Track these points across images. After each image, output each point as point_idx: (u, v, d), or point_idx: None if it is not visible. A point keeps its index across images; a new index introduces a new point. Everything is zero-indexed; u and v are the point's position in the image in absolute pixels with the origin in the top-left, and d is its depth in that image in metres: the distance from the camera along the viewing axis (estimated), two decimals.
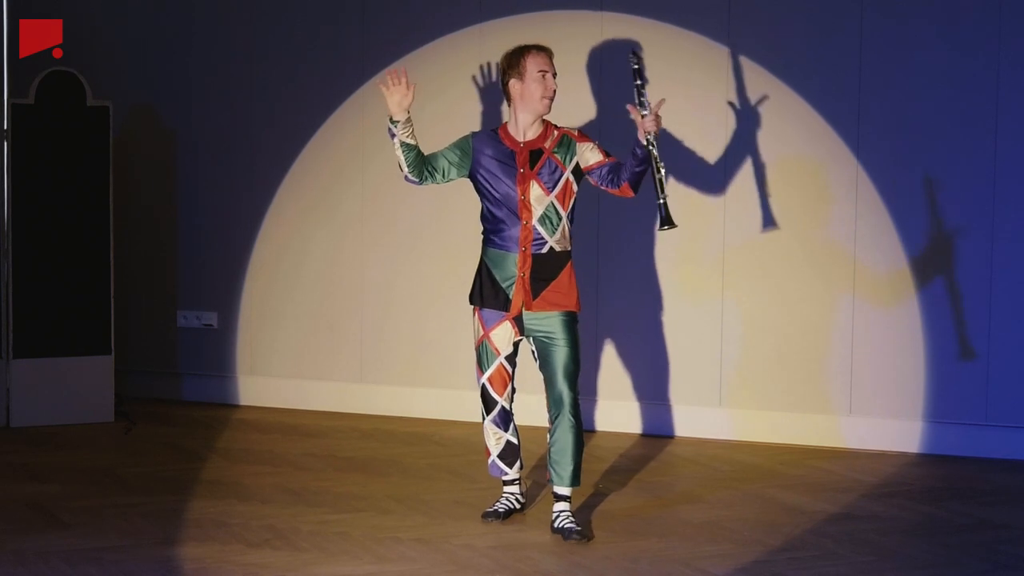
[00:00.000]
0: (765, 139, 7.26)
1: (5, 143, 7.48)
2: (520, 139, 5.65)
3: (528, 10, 7.59)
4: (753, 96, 7.26)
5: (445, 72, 7.75)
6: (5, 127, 7.47)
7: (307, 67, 8.03)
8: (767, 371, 7.32)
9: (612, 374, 7.54)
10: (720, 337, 7.36)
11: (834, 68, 7.16)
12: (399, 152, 5.67)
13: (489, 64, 7.63)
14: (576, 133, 5.71)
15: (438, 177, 5.72)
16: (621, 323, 7.50)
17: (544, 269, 5.62)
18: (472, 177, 5.70)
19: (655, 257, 7.43)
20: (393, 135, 5.66)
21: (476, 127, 7.46)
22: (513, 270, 5.63)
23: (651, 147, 5.49)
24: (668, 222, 5.58)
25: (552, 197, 5.61)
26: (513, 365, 5.79)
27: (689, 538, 5.60)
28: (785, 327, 7.29)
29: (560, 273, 5.63)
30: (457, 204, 7.75)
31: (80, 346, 7.62)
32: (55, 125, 7.53)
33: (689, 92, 7.34)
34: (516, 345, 5.75)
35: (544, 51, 5.64)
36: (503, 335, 5.70)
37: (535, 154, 5.62)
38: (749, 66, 7.25)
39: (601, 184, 5.67)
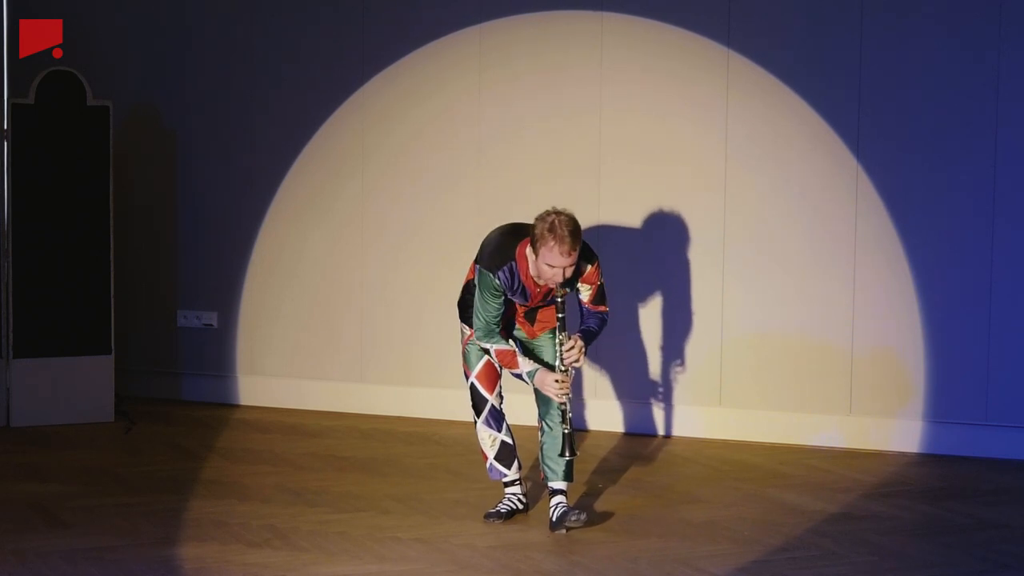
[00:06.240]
0: (765, 139, 7.26)
1: (5, 143, 7.48)
2: (540, 282, 5.56)
3: (528, 10, 7.59)
4: (753, 96, 7.25)
5: (444, 71, 7.74)
6: (5, 127, 7.47)
7: (307, 67, 8.02)
8: (767, 371, 7.32)
9: (611, 373, 7.54)
10: (720, 336, 7.36)
11: (834, 68, 7.16)
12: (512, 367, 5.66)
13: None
14: (587, 271, 5.63)
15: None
16: (620, 322, 7.49)
17: (538, 311, 5.76)
18: None
19: (654, 256, 7.42)
20: (527, 373, 5.63)
21: (474, 126, 7.48)
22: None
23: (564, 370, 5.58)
24: (570, 451, 5.65)
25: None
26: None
27: (689, 538, 5.60)
28: (785, 327, 7.28)
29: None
30: (454, 204, 7.76)
31: (80, 346, 7.62)
32: (55, 125, 7.53)
33: (689, 92, 7.34)
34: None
35: (566, 244, 5.40)
36: None
37: (546, 293, 5.65)
38: (749, 66, 7.25)
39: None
